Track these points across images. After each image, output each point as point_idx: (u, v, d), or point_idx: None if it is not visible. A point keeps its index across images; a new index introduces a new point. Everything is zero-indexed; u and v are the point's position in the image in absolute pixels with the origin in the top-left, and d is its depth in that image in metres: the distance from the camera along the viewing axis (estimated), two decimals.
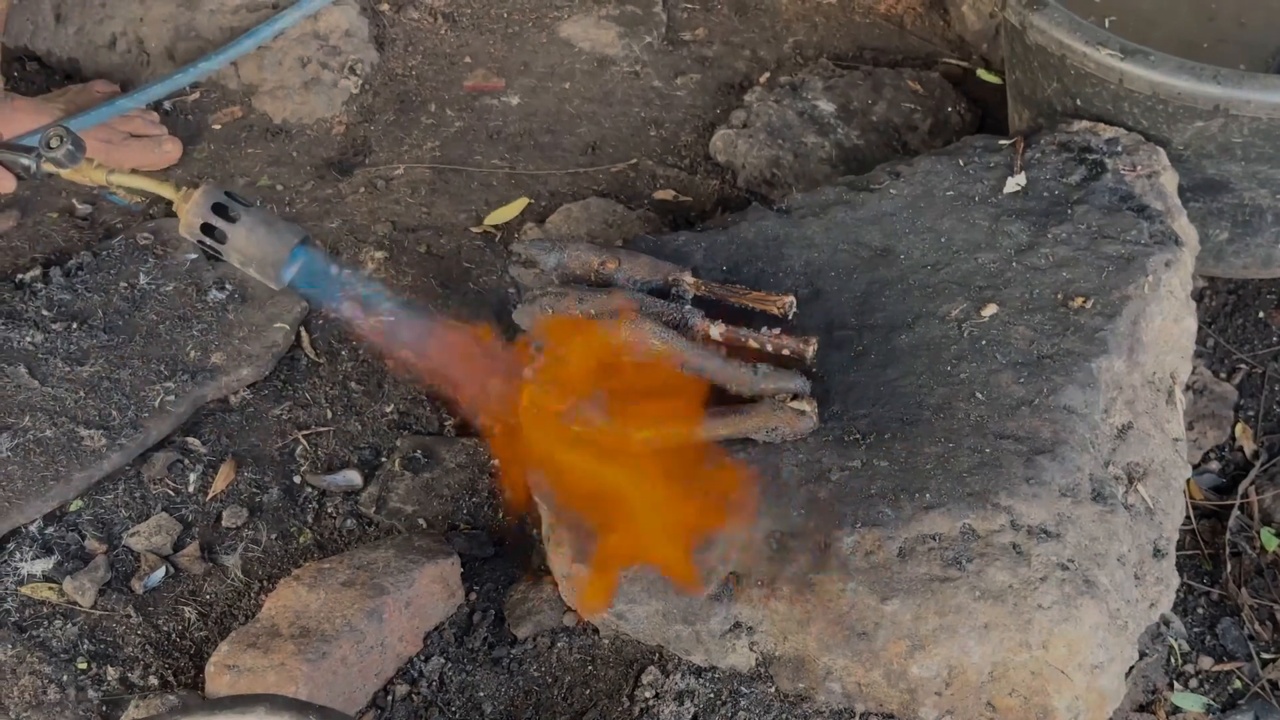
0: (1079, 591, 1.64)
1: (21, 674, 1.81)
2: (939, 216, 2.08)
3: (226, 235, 1.77)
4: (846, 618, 1.67)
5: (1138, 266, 1.94)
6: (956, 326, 1.92)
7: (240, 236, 1.77)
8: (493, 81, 2.73)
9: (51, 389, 2.07)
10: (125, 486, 2.02)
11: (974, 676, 1.65)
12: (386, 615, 1.79)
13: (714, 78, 2.77)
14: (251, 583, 1.94)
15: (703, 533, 1.73)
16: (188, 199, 1.78)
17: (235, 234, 1.77)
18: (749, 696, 1.73)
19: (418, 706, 1.80)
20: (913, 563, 1.67)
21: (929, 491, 1.71)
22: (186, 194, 1.79)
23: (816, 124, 2.58)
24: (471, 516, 2.01)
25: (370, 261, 2.32)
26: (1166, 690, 1.85)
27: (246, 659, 1.72)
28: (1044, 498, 1.69)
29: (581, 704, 1.78)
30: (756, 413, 1.81)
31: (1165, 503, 1.84)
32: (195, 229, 1.78)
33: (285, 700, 1.36)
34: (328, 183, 2.50)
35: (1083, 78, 2.15)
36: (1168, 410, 1.94)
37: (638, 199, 2.48)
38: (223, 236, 1.77)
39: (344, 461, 2.08)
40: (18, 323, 2.14)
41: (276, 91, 2.62)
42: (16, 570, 1.92)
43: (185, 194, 1.79)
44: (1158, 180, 2.08)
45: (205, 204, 1.78)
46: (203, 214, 1.77)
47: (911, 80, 2.68)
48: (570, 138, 2.63)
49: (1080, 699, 1.65)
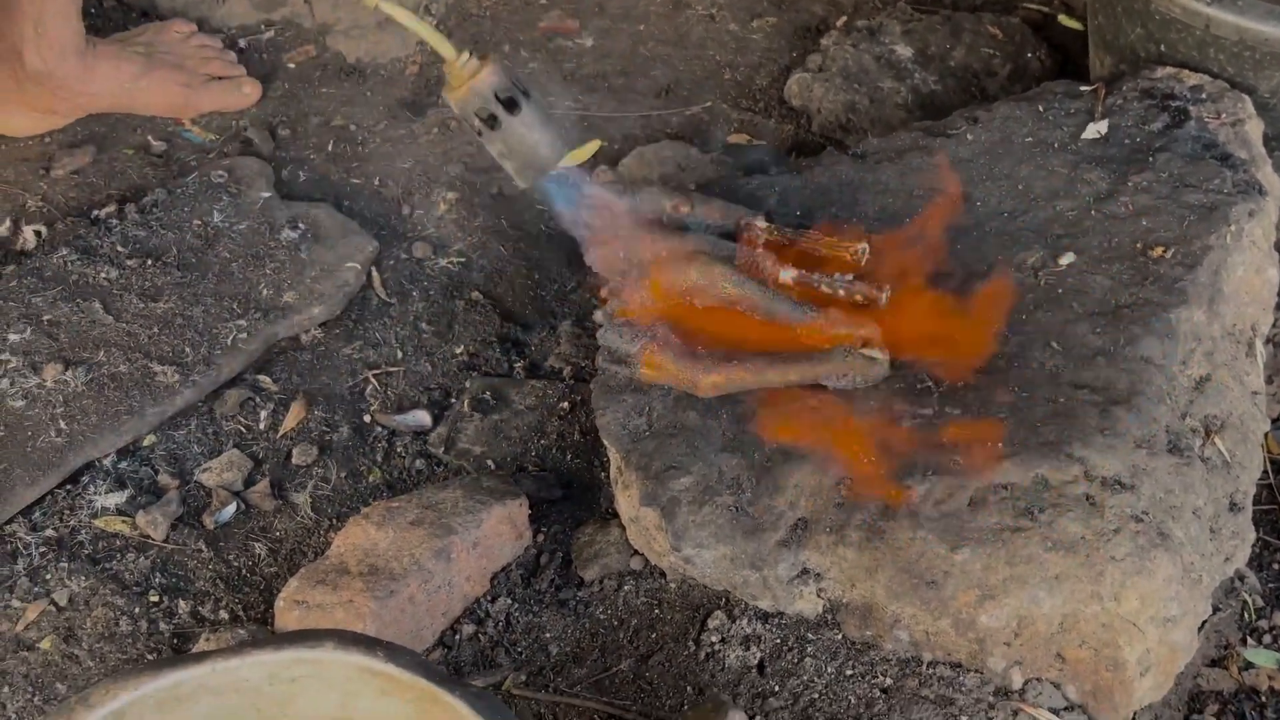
0: (1153, 544, 1.62)
1: (95, 605, 1.83)
2: (1017, 163, 2.05)
3: (500, 124, 1.68)
4: (915, 566, 1.66)
5: (1220, 216, 1.91)
6: (1033, 274, 1.89)
7: (514, 130, 1.68)
8: (567, 23, 2.71)
9: (126, 325, 2.08)
10: (198, 423, 2.04)
11: (1044, 627, 1.63)
12: (454, 555, 1.79)
13: (790, 21, 2.74)
14: (320, 520, 1.95)
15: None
16: (471, 73, 1.67)
17: (510, 126, 1.68)
18: (815, 643, 1.73)
19: (484, 646, 1.81)
20: (984, 512, 1.65)
21: (1002, 440, 1.69)
22: (469, 65, 1.68)
23: (893, 69, 2.55)
24: (540, 459, 2.01)
25: (442, 203, 2.32)
26: (1239, 646, 1.83)
27: (315, 595, 1.73)
28: (1119, 449, 1.67)
29: (647, 647, 1.78)
30: (828, 359, 1.79)
31: (1243, 456, 1.81)
32: (471, 107, 1.68)
33: (354, 636, 1.37)
34: (401, 123, 2.49)
35: (1167, 23, 2.11)
36: (1247, 363, 1.90)
37: (712, 143, 2.46)
38: (494, 124, 1.69)
39: (413, 402, 2.09)
40: (93, 258, 2.16)
41: (351, 31, 2.62)
42: (90, 503, 1.94)
43: (467, 64, 1.69)
44: (1242, 129, 2.04)
45: (490, 88, 1.68)
46: (485, 98, 1.68)
47: (991, 25, 2.64)
48: (644, 80, 2.61)
49: (1151, 652, 1.63)
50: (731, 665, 1.73)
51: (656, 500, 1.75)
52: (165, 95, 2.44)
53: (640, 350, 1.79)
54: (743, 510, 1.73)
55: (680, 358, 1.79)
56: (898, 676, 1.69)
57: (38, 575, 1.86)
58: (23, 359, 2.02)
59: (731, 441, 1.77)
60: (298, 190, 2.37)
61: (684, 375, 1.79)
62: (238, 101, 2.49)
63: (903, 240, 1.97)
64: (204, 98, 2.46)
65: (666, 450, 1.78)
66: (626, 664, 1.77)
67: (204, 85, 2.47)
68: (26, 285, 2.12)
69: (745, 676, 1.72)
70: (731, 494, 1.74)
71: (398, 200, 2.35)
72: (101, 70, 2.37)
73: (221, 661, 1.36)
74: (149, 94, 2.43)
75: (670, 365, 1.79)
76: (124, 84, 2.40)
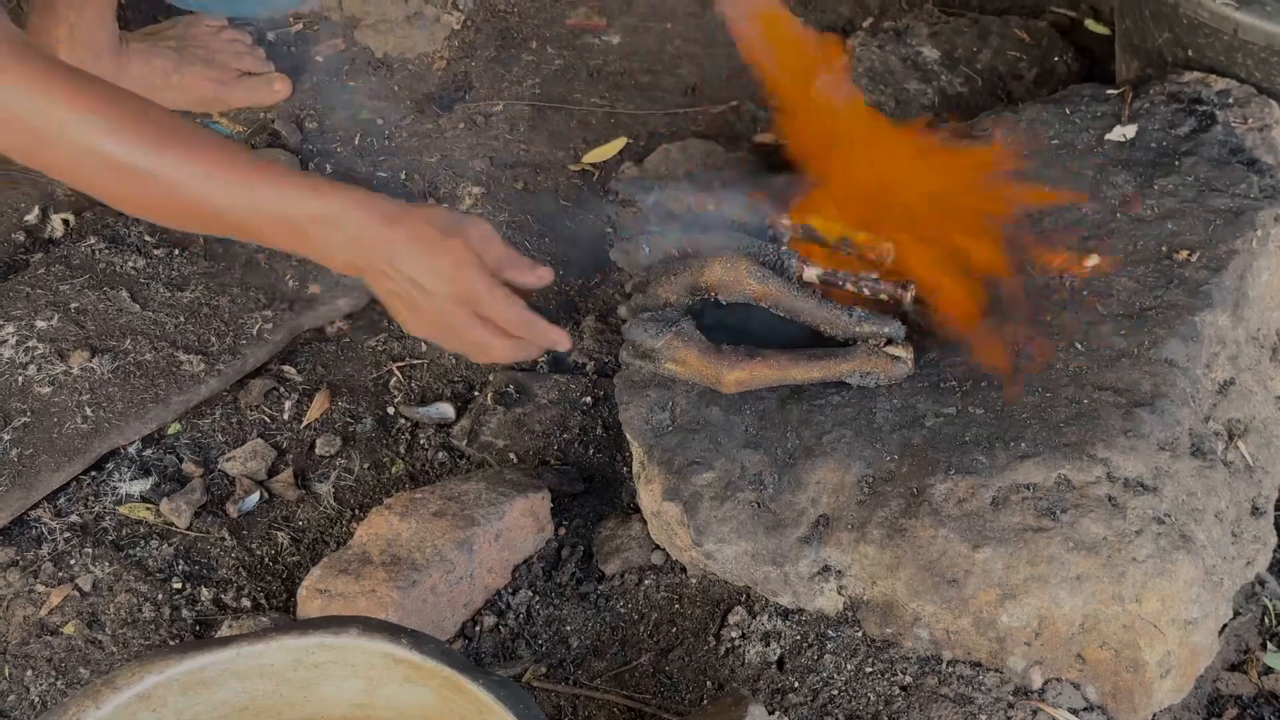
0: (1174, 546, 1.62)
1: (118, 591, 1.84)
2: (1043, 165, 2.05)
3: None
4: (937, 564, 1.66)
5: (1246, 220, 1.91)
6: (1058, 276, 1.89)
7: None
8: (595, 20, 2.72)
9: (152, 313, 2.09)
10: (222, 412, 2.05)
11: (1064, 628, 1.63)
12: (476, 546, 1.80)
13: (817, 21, 2.74)
14: (343, 510, 1.96)
15: None
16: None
17: None
18: (836, 640, 1.73)
19: (505, 638, 1.81)
20: (1006, 511, 1.66)
21: (1024, 441, 1.69)
22: None
23: (920, 70, 2.55)
24: (562, 452, 2.02)
25: (467, 197, 2.33)
26: (1259, 650, 1.82)
27: (338, 584, 1.74)
28: (1142, 450, 1.67)
29: (667, 642, 1.78)
30: (851, 357, 1.79)
31: (1265, 461, 1.81)
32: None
33: (378, 623, 1.37)
34: (427, 117, 2.50)
35: (1195, 27, 2.10)
36: (1271, 367, 1.90)
37: (737, 141, 2.46)
38: None
39: (437, 394, 2.10)
40: (120, 247, 2.17)
41: (379, 25, 2.63)
42: (115, 490, 1.95)
43: None
44: (1269, 134, 2.04)
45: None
46: None
47: (1018, 28, 2.64)
48: (671, 78, 2.61)
49: (1172, 654, 1.63)
50: (751, 661, 1.73)
51: (679, 495, 1.76)
52: (197, 92, 2.45)
53: (665, 345, 1.80)
54: (764, 506, 1.73)
55: (705, 353, 1.79)
56: (917, 674, 1.70)
57: (62, 560, 1.87)
58: (50, 346, 2.03)
59: (754, 438, 1.77)
60: None
61: (708, 371, 1.79)
62: (268, 97, 2.50)
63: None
64: (235, 94, 2.48)
65: (689, 445, 1.78)
66: (646, 658, 1.77)
67: (235, 81, 2.48)
68: (54, 273, 2.13)
69: (765, 672, 1.72)
70: (754, 490, 1.74)
71: (423, 194, 2.36)
72: (134, 69, 2.38)
73: (247, 646, 1.37)
74: (181, 90, 2.44)
75: (695, 360, 1.79)
76: (156, 81, 2.41)
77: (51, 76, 1.51)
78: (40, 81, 1.50)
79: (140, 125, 1.54)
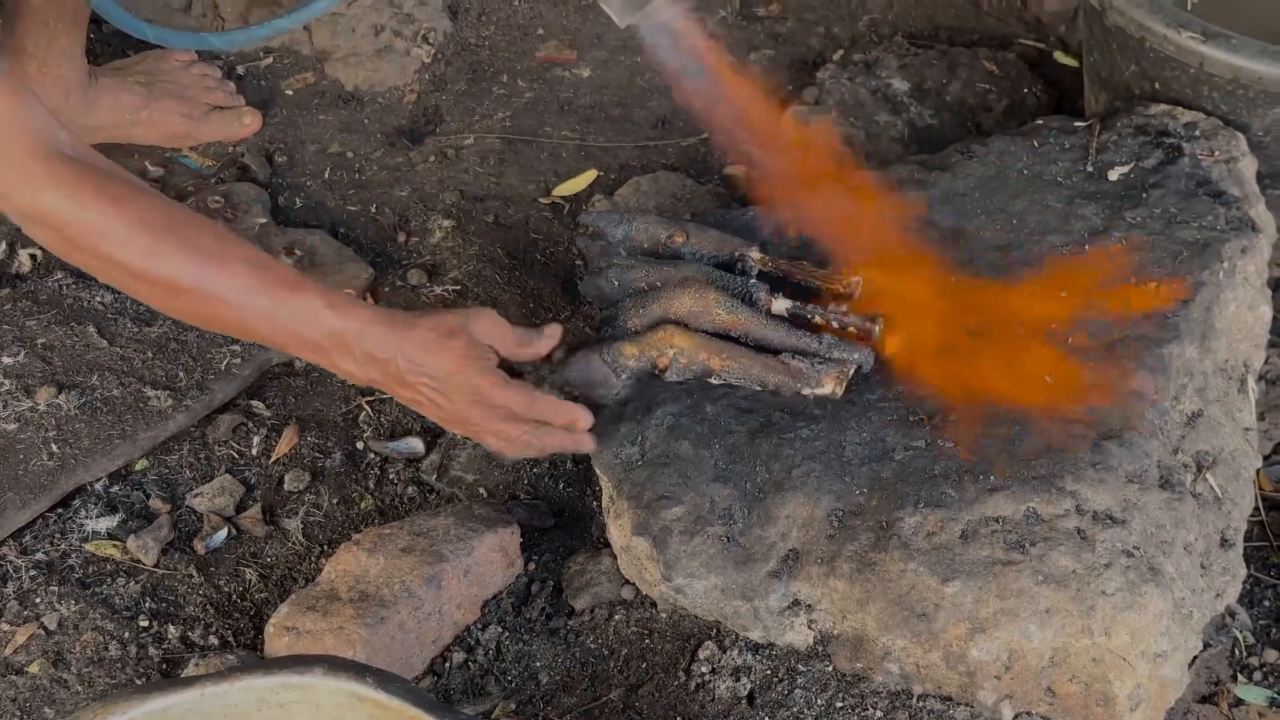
0: (1144, 579, 1.62)
1: (84, 630, 1.83)
2: (1011, 197, 2.05)
3: None
4: (907, 598, 1.66)
5: (1213, 252, 1.91)
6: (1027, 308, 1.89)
7: None
8: (565, 53, 2.72)
9: (120, 349, 2.08)
10: (190, 447, 2.04)
11: (1034, 661, 1.63)
12: (445, 582, 1.79)
13: (787, 54, 2.75)
14: (312, 546, 1.95)
15: None
16: None
17: None
18: (806, 675, 1.72)
19: (474, 674, 1.80)
20: (975, 545, 1.65)
21: (993, 474, 1.69)
22: None
23: (889, 102, 2.56)
24: (532, 486, 2.01)
25: (438, 230, 2.32)
26: (1230, 682, 1.82)
27: (306, 621, 1.73)
28: (1110, 483, 1.67)
29: (637, 677, 1.78)
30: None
31: (1234, 492, 1.82)
32: None
33: (344, 661, 1.37)
34: (398, 151, 2.50)
35: (1162, 61, 2.12)
36: (1239, 399, 1.91)
37: (708, 174, 2.47)
38: None
39: (406, 429, 2.09)
40: (88, 282, 2.16)
41: (349, 58, 2.63)
42: (81, 527, 1.94)
43: None
44: (1236, 166, 2.05)
45: None
46: None
47: (987, 61, 2.65)
48: (641, 111, 2.62)
49: (1142, 687, 1.63)
50: (722, 696, 1.73)
51: (648, 530, 1.75)
52: (167, 126, 2.45)
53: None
54: (734, 541, 1.73)
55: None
56: (888, 709, 1.69)
57: (27, 599, 1.85)
58: (16, 382, 2.02)
59: (724, 472, 1.77)
60: (294, 216, 2.37)
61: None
62: (238, 132, 2.49)
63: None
64: (205, 128, 2.47)
65: (659, 480, 1.78)
66: (616, 693, 1.76)
67: (205, 116, 2.48)
68: (21, 308, 2.12)
69: (735, 707, 1.72)
70: (723, 524, 1.74)
71: (394, 227, 2.36)
72: (103, 104, 2.37)
73: (211, 686, 1.36)
74: (150, 126, 2.43)
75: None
76: (125, 116, 2.40)
77: (94, 184, 1.59)
78: (83, 188, 1.58)
79: (175, 242, 1.62)
